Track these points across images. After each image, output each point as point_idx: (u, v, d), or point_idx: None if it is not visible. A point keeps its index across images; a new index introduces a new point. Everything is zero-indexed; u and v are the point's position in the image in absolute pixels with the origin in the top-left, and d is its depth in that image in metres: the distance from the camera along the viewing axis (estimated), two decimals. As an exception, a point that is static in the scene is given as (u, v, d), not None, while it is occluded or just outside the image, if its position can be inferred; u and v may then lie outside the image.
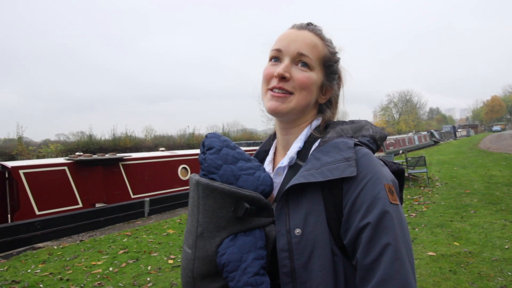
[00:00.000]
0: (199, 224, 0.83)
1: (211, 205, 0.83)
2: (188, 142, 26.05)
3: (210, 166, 0.87)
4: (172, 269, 4.44)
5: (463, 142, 33.97)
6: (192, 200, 0.87)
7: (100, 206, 7.62)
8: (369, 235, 0.76)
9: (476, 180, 9.66)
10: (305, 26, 0.99)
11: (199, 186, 0.84)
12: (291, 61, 0.93)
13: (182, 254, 0.88)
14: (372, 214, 0.77)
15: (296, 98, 0.92)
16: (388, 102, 71.11)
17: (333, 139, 0.91)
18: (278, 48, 0.95)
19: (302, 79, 0.92)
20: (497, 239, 4.71)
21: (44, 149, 20.00)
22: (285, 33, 0.98)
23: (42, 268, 4.70)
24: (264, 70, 0.98)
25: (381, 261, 0.74)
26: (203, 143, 0.93)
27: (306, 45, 0.94)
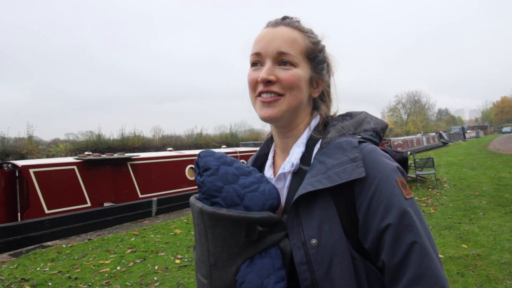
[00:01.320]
0: (210, 253, 0.79)
1: (220, 234, 0.78)
2: (195, 142, 26.13)
3: (211, 190, 0.80)
4: (179, 268, 4.47)
5: (472, 144, 33.57)
6: (198, 228, 0.82)
7: (108, 206, 7.70)
8: (393, 236, 0.76)
9: (485, 182, 9.55)
10: (280, 22, 0.93)
11: (204, 215, 0.79)
12: (273, 62, 0.88)
13: (197, 283, 0.84)
14: (391, 215, 0.77)
15: (287, 99, 0.88)
16: (397, 102, 70.62)
17: (335, 139, 0.88)
18: (257, 52, 0.90)
19: (288, 78, 0.87)
20: (506, 242, 4.65)
21: (53, 148, 20.25)
22: (261, 33, 0.93)
23: (51, 266, 4.77)
24: (248, 77, 0.93)
25: (410, 260, 0.74)
26: (197, 163, 0.85)
27: (284, 42, 0.89)
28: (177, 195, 9.11)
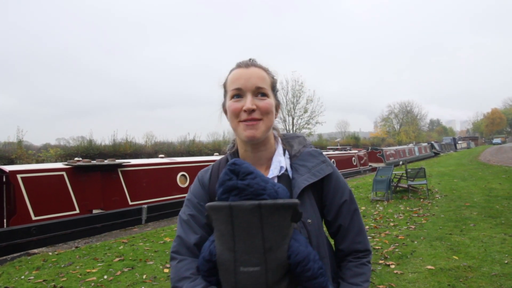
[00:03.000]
0: (265, 240, 0.94)
1: (276, 220, 0.95)
2: (188, 149, 25.99)
3: (258, 190, 0.97)
4: (167, 278, 4.38)
5: (463, 154, 33.92)
6: (247, 223, 0.94)
7: (97, 212, 7.57)
8: (347, 207, 1.21)
9: (476, 193, 9.61)
10: (250, 64, 1.19)
11: (263, 207, 0.94)
12: (252, 95, 1.12)
13: (239, 276, 0.95)
14: (345, 194, 1.23)
15: (264, 122, 1.13)
16: (389, 113, 71.24)
17: (303, 150, 1.24)
18: (238, 88, 1.13)
19: (265, 106, 1.13)
20: (496, 254, 4.65)
21: (43, 154, 19.94)
22: (237, 73, 1.16)
23: (36, 274, 4.65)
24: (230, 106, 1.14)
25: (354, 220, 1.22)
26: (233, 170, 1.00)
27: (259, 79, 1.14)
28: (168, 202, 9.01)
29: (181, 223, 1.17)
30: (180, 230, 1.16)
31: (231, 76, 1.17)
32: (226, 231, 0.96)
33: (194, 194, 1.21)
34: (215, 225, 1.00)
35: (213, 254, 1.00)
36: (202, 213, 1.14)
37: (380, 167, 11.25)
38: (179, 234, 1.15)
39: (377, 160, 24.18)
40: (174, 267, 1.10)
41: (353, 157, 20.00)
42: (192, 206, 1.19)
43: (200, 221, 1.15)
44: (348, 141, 44.79)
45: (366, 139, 57.59)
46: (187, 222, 1.16)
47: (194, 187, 1.24)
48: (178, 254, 1.12)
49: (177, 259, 1.11)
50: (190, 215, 1.16)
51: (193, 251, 1.11)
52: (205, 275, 1.04)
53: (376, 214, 7.81)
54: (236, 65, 1.21)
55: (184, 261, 1.09)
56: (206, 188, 1.22)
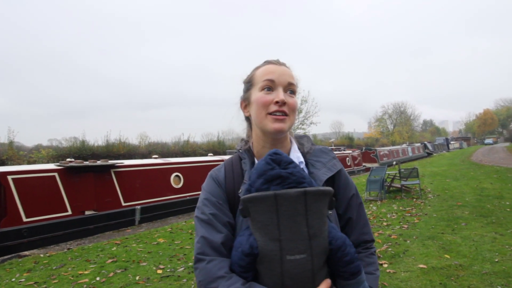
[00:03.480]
0: (310, 227, 0.96)
1: (319, 207, 0.98)
2: (182, 149, 25.88)
3: (300, 178, 1.00)
4: (160, 279, 4.36)
5: (456, 154, 34.24)
6: (292, 212, 0.96)
7: (90, 214, 7.51)
8: (355, 200, 1.26)
9: (467, 193, 9.70)
10: (281, 63, 1.24)
11: (308, 194, 0.96)
12: (283, 89, 1.17)
13: (287, 265, 0.96)
14: (353, 188, 1.28)
15: (290, 118, 1.17)
16: (383, 113, 71.70)
17: (314, 148, 1.30)
18: (271, 79, 1.17)
19: (293, 104, 1.18)
20: (487, 252, 4.70)
21: (35, 154, 19.71)
22: (270, 67, 1.21)
23: (27, 277, 4.60)
24: (260, 98, 1.17)
25: (361, 212, 1.26)
26: (275, 159, 1.01)
27: (291, 77, 1.21)
28: (162, 203, 8.97)
29: (202, 224, 1.13)
30: (202, 230, 1.12)
31: (263, 70, 1.21)
32: (270, 221, 0.96)
33: (212, 193, 1.19)
34: (254, 216, 0.98)
35: (254, 247, 0.98)
36: (223, 212, 1.14)
37: (374, 167, 11.32)
38: (203, 235, 1.10)
39: (371, 160, 24.32)
40: (204, 268, 1.05)
41: (347, 157, 20.09)
42: (212, 205, 1.16)
43: (222, 220, 1.13)
44: (342, 142, 44.93)
45: (360, 140, 57.86)
46: (209, 221, 1.12)
47: (209, 186, 1.21)
48: (205, 255, 1.07)
49: (205, 260, 1.06)
50: (212, 214, 1.13)
51: (220, 251, 1.08)
52: (242, 271, 1.01)
53: (369, 214, 7.85)
54: (266, 62, 1.25)
55: (214, 261, 1.05)
56: (222, 186, 1.20)
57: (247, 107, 1.27)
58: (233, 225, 1.14)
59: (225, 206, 1.16)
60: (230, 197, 1.18)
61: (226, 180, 1.21)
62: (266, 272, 0.99)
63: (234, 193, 1.18)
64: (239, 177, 1.21)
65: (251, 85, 1.24)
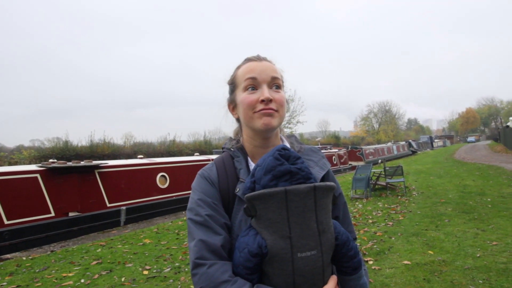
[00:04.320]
0: (319, 223, 0.95)
1: (326, 202, 0.98)
2: (168, 149, 25.68)
3: (308, 174, 0.99)
4: (146, 280, 4.32)
5: (440, 152, 34.92)
6: (302, 208, 0.94)
7: (74, 215, 7.38)
8: (341, 199, 1.23)
9: (451, 190, 9.91)
10: (261, 58, 1.20)
11: (317, 190, 0.95)
12: (267, 86, 1.13)
13: (298, 263, 0.94)
14: (339, 188, 1.23)
15: (279, 114, 1.13)
16: (368, 112, 72.59)
17: (304, 147, 1.28)
18: (253, 77, 1.13)
19: (280, 99, 1.14)
20: (469, 248, 4.81)
21: (16, 155, 19.28)
22: (251, 65, 1.17)
23: (8, 280, 4.49)
24: (245, 99, 1.14)
25: (346, 211, 1.25)
26: (283, 155, 0.99)
27: (273, 71, 1.16)
28: (147, 203, 8.88)
29: (197, 226, 1.07)
30: (198, 233, 1.05)
31: (244, 69, 1.17)
32: (280, 217, 0.93)
33: (205, 193, 1.12)
34: (262, 214, 0.95)
35: (263, 246, 0.94)
36: (219, 212, 1.10)
37: (360, 166, 11.44)
38: (201, 238, 1.03)
39: (357, 159, 24.58)
40: (204, 274, 0.98)
41: (333, 156, 20.25)
42: (207, 205, 1.10)
43: (219, 221, 1.08)
44: (328, 140, 45.33)
45: (346, 138, 58.46)
46: (205, 223, 1.06)
47: (202, 186, 1.15)
48: (204, 259, 1.01)
49: (206, 265, 0.99)
50: (208, 216, 1.07)
51: (220, 254, 1.02)
52: (248, 273, 0.96)
53: (355, 211, 7.93)
54: (246, 60, 1.21)
55: (215, 265, 0.99)
56: (216, 186, 1.15)
57: (234, 109, 1.23)
58: (229, 226, 1.10)
59: (220, 207, 1.11)
60: (225, 197, 1.13)
61: (219, 180, 1.16)
62: (275, 272, 0.96)
63: (228, 193, 1.14)
64: (233, 176, 1.17)
65: (235, 86, 1.21)
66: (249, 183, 1.01)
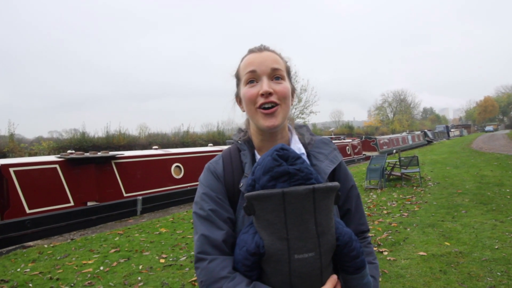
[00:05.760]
0: (318, 225, 0.94)
1: (327, 204, 0.96)
2: (182, 140, 25.91)
3: (308, 174, 0.96)
4: (163, 268, 4.42)
5: (456, 142, 34.23)
6: (301, 210, 0.92)
7: (92, 205, 7.56)
8: (354, 191, 1.24)
9: (468, 180, 9.73)
10: (263, 48, 1.15)
11: (316, 191, 0.93)
12: (268, 78, 1.09)
13: (294, 264, 0.94)
14: (351, 180, 1.25)
15: (282, 108, 1.09)
16: (383, 101, 71.43)
17: (315, 138, 1.24)
18: (252, 70, 1.09)
19: (282, 90, 1.09)
20: (487, 239, 4.74)
21: (36, 147, 19.77)
22: (250, 57, 1.13)
23: (31, 267, 4.65)
24: (245, 93, 1.10)
25: (359, 203, 1.24)
26: (282, 155, 0.96)
27: (274, 61, 1.11)
28: (163, 193, 9.02)
29: (201, 220, 1.07)
30: (201, 227, 1.06)
31: (244, 61, 1.14)
32: (278, 219, 0.92)
33: (210, 188, 1.12)
34: (260, 215, 0.94)
35: (260, 246, 0.94)
36: (223, 207, 1.09)
37: (374, 156, 11.33)
38: (203, 233, 1.04)
39: (371, 149, 24.35)
40: (205, 268, 1.00)
41: (347, 146, 20.10)
42: (211, 200, 1.09)
43: (222, 216, 1.07)
44: (342, 130, 44.98)
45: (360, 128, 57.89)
46: (209, 218, 1.06)
47: (207, 180, 1.14)
48: (205, 254, 1.02)
49: (206, 260, 1.01)
50: (211, 210, 1.07)
51: (221, 249, 1.03)
52: (247, 270, 0.97)
53: (369, 202, 7.89)
54: (248, 51, 1.17)
55: (216, 261, 1.00)
56: (221, 180, 1.14)
57: (241, 102, 1.21)
58: (234, 220, 1.09)
59: (225, 201, 1.11)
60: (230, 191, 1.13)
61: (225, 173, 1.15)
62: (272, 272, 0.96)
63: (233, 186, 1.13)
64: (239, 169, 1.15)
65: (238, 80, 1.19)
66: (250, 180, 1.00)
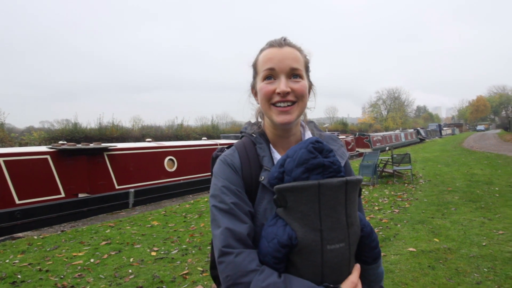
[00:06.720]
0: (348, 216, 0.97)
1: (355, 196, 1.00)
2: (176, 133, 25.79)
3: (340, 167, 1.00)
4: (154, 261, 4.41)
5: (448, 141, 34.57)
6: (334, 201, 0.96)
7: (83, 196, 7.51)
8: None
9: (458, 178, 9.85)
10: (284, 43, 1.13)
11: (349, 184, 0.97)
12: (286, 76, 1.09)
13: (327, 255, 0.96)
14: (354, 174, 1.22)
15: (299, 105, 1.11)
16: (377, 99, 71.77)
17: (324, 134, 1.27)
18: (271, 67, 1.09)
19: (300, 89, 1.10)
20: (475, 236, 4.81)
21: (27, 137, 19.54)
22: (270, 52, 1.12)
23: (21, 258, 4.62)
24: (262, 89, 1.11)
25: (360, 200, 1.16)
26: (317, 148, 0.99)
27: (293, 60, 1.10)
28: (155, 186, 8.99)
29: (223, 213, 1.05)
30: (225, 221, 1.04)
31: (263, 56, 1.13)
32: (312, 210, 0.94)
33: (229, 180, 1.10)
34: (293, 206, 0.96)
35: (293, 238, 0.95)
36: (243, 200, 1.09)
37: (367, 153, 11.39)
38: (227, 226, 1.02)
39: (364, 146, 24.45)
40: (232, 262, 0.98)
41: (340, 142, 20.14)
42: (231, 193, 1.08)
43: (244, 209, 1.07)
44: (336, 127, 45.08)
45: (354, 125, 58.09)
46: (231, 211, 1.05)
47: (226, 173, 1.12)
48: (231, 248, 1.00)
49: (233, 253, 0.99)
50: (233, 203, 1.06)
51: (246, 242, 1.02)
52: (276, 262, 0.97)
53: (361, 198, 7.94)
54: (268, 44, 1.15)
55: (243, 254, 0.99)
56: (239, 173, 1.13)
57: (256, 94, 1.20)
58: (253, 214, 1.09)
59: (244, 194, 1.10)
60: (248, 184, 1.12)
61: (242, 166, 1.14)
62: (304, 263, 0.97)
63: (251, 180, 1.12)
64: (256, 162, 1.15)
65: (255, 72, 1.18)
66: (277, 173, 1.01)
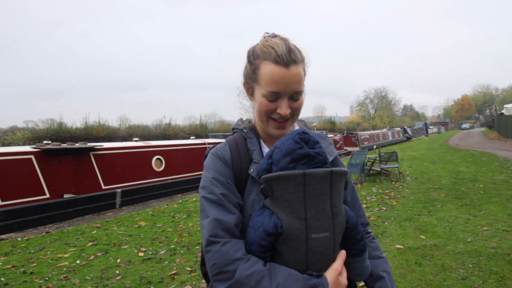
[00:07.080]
0: (333, 206, 0.99)
1: (340, 187, 1.02)
2: (164, 132, 25.58)
3: (325, 158, 1.02)
4: (142, 261, 4.36)
5: (434, 139, 35.12)
6: (319, 191, 0.97)
7: (69, 197, 7.38)
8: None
9: (444, 176, 10.01)
10: (290, 60, 1.07)
11: (334, 174, 0.98)
12: (288, 98, 1.10)
13: (312, 243, 0.97)
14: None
15: (294, 118, 1.16)
16: (365, 98, 72.52)
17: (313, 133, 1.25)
18: (276, 92, 1.08)
19: (298, 106, 1.13)
20: (460, 233, 4.89)
21: (10, 137, 19.11)
22: (278, 74, 1.07)
23: (4, 260, 4.51)
24: (262, 105, 1.11)
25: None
26: (303, 139, 1.01)
27: (298, 83, 1.09)
28: (143, 186, 8.89)
29: (211, 204, 1.08)
30: (213, 211, 1.06)
31: (269, 73, 1.07)
32: (297, 199, 0.96)
33: (220, 173, 1.13)
34: (279, 195, 0.98)
35: (279, 226, 0.97)
36: (232, 192, 1.11)
37: (355, 151, 11.49)
38: (215, 217, 1.05)
39: (352, 144, 24.67)
40: (218, 251, 1.01)
41: (328, 141, 20.28)
42: (221, 184, 1.11)
43: (232, 200, 1.10)
44: (324, 126, 45.37)
45: (342, 124, 58.54)
46: (220, 202, 1.08)
47: (216, 165, 1.15)
48: (218, 237, 1.03)
49: (219, 242, 1.02)
50: (222, 194, 1.09)
51: (233, 232, 1.04)
52: (262, 251, 1.00)
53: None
54: (274, 59, 1.07)
55: (229, 243, 1.02)
56: (229, 166, 1.16)
57: (250, 92, 1.19)
58: (242, 205, 1.12)
59: (233, 186, 1.13)
60: (237, 177, 1.15)
61: (232, 159, 1.17)
62: (289, 251, 0.99)
63: (241, 172, 1.16)
64: (246, 156, 1.18)
65: (255, 80, 1.14)
66: (265, 164, 1.04)
